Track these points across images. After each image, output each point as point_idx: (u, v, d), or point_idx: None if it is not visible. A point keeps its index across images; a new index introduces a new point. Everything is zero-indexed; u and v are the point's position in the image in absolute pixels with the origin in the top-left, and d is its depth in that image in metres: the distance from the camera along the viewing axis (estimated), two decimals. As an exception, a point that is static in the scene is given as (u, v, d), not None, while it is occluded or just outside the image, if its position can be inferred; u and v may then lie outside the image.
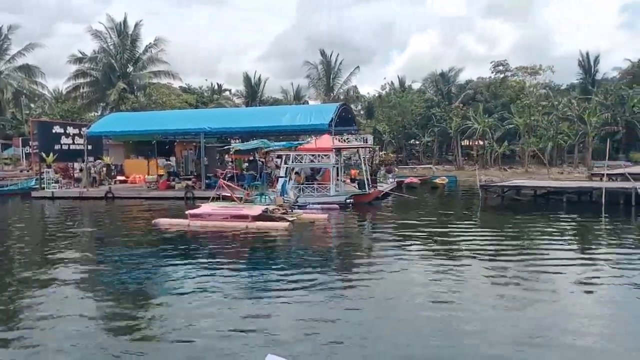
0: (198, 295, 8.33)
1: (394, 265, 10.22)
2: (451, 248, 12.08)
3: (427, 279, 9.08)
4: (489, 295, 8.13)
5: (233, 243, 13.35)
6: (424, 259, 10.95)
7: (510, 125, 47.54)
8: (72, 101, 50.83)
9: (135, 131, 26.96)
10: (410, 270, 9.89)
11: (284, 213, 16.07)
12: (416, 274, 9.63)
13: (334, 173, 20.55)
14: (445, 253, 11.47)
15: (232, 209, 15.93)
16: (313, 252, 12.14)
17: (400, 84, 64.66)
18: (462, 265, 10.10)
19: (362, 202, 20.33)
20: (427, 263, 10.45)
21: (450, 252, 11.61)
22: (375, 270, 9.89)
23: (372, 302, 7.89)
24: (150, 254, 12.09)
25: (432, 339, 6.35)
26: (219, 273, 9.97)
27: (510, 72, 58.32)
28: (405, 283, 8.93)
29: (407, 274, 9.63)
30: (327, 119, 23.09)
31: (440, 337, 6.38)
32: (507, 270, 9.69)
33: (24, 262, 11.29)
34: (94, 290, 8.98)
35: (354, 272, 9.83)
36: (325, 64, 56.74)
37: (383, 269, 9.95)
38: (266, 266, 10.59)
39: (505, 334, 6.43)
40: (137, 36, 49.00)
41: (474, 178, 37.68)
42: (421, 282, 8.87)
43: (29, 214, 21.60)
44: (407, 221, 16.87)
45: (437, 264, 10.22)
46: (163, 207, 22.22)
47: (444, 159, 55.63)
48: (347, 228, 15.90)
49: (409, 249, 11.96)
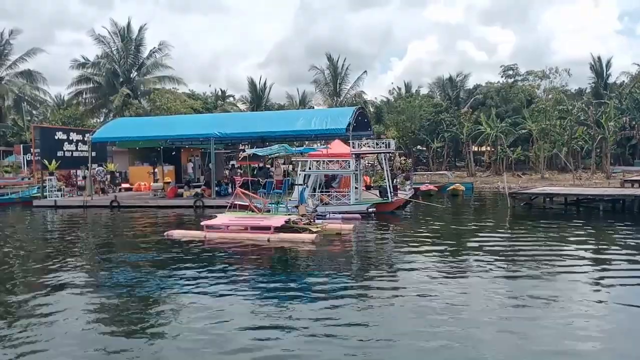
0: (217, 314, 7.58)
1: (436, 283, 9.07)
2: (492, 262, 10.84)
3: (475, 296, 7.91)
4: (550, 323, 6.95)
5: (255, 257, 12.18)
6: (466, 272, 9.89)
7: (523, 130, 46.43)
8: (75, 107, 49.76)
9: (141, 137, 25.81)
10: (455, 287, 8.82)
11: (308, 223, 14.88)
12: (462, 290, 8.63)
13: (353, 180, 19.39)
14: (487, 268, 10.24)
15: (251, 220, 14.72)
16: (344, 267, 10.93)
17: (406, 89, 63.76)
18: (508, 281, 8.98)
19: (385, 211, 19.12)
20: (472, 278, 9.34)
21: (492, 267, 10.37)
22: (416, 287, 8.74)
23: (420, 324, 6.91)
24: (164, 268, 10.91)
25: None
26: (241, 291, 8.98)
27: (520, 76, 57.68)
28: (452, 301, 7.86)
29: (452, 291, 8.50)
30: (344, 123, 21.93)
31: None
32: (556, 289, 8.53)
33: (23, 287, 10.08)
34: (104, 310, 7.89)
35: (397, 293, 8.59)
36: (332, 68, 55.70)
37: (424, 286, 8.85)
38: (293, 285, 9.41)
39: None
40: (141, 41, 48.03)
41: (490, 185, 36.70)
42: (472, 301, 7.73)
43: (31, 224, 20.38)
44: (438, 232, 15.67)
45: (485, 280, 9.05)
46: (172, 216, 21.07)
47: (453, 165, 54.48)
48: (376, 240, 14.63)
49: (448, 263, 10.77)
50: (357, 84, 56.21)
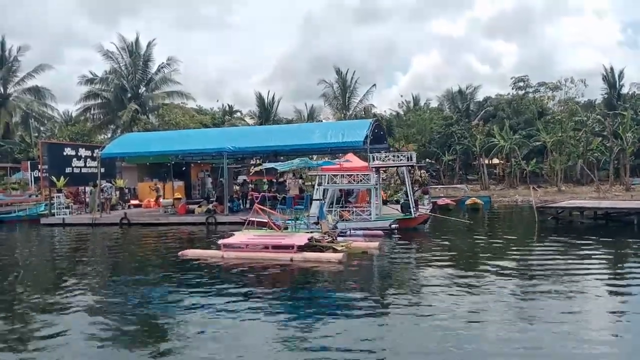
0: (239, 339, 7.15)
1: (482, 306, 8.24)
2: (528, 281, 9.97)
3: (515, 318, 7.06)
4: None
5: (277, 278, 11.34)
6: (503, 293, 9.09)
7: (537, 143, 45.61)
8: (82, 124, 49.38)
9: (152, 152, 25.15)
10: (499, 310, 7.94)
11: (331, 241, 14.06)
12: (508, 314, 7.75)
13: (374, 195, 18.60)
14: (523, 288, 9.40)
15: (272, 238, 13.91)
16: (375, 290, 10.06)
17: (414, 102, 63.16)
18: (544, 302, 8.18)
19: (407, 228, 18.27)
20: (508, 297, 8.54)
21: (528, 286, 9.52)
22: (458, 310, 7.96)
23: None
24: (180, 290, 10.19)
25: None
26: (264, 314, 8.33)
27: (531, 88, 57.01)
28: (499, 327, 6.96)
29: (497, 315, 7.63)
30: (361, 136, 21.22)
31: None
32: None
33: (30, 307, 9.29)
34: (115, 334, 7.27)
35: (440, 316, 7.75)
36: (340, 82, 55.23)
37: (468, 308, 8.07)
38: (320, 309, 8.56)
39: None
40: (149, 56, 47.75)
41: (508, 198, 35.79)
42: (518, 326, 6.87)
43: (38, 243, 19.61)
44: (468, 249, 14.81)
45: (528, 301, 8.20)
46: (184, 233, 20.31)
47: (464, 178, 53.59)
48: (405, 259, 13.71)
49: (485, 284, 9.89)
50: (366, 97, 55.77)
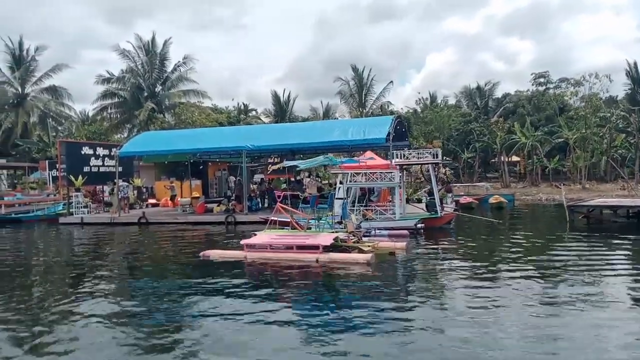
0: (265, 341, 6.93)
1: (517, 307, 7.68)
2: (574, 288, 9.38)
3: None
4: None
5: (303, 279, 10.88)
6: (544, 298, 8.46)
7: (560, 139, 44.58)
8: (99, 123, 49.49)
9: (170, 150, 24.87)
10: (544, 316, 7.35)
11: (356, 242, 13.56)
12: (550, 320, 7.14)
13: (398, 193, 18.04)
14: (566, 292, 8.80)
15: (296, 238, 13.44)
16: (407, 294, 9.51)
17: (431, 99, 62.29)
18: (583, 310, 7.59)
19: (433, 227, 17.68)
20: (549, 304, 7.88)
21: (568, 291, 8.92)
22: (491, 318, 7.39)
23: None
24: (201, 292, 9.81)
25: None
26: (290, 317, 7.98)
27: (552, 84, 55.84)
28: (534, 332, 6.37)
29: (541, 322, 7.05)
30: (383, 133, 20.65)
31: None
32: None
33: (50, 306, 8.96)
34: (134, 337, 7.03)
35: (474, 326, 7.21)
36: (357, 79, 54.63)
37: (501, 316, 7.48)
38: (349, 314, 8.02)
39: None
40: (165, 55, 47.69)
41: (531, 197, 34.92)
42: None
43: (57, 242, 19.39)
44: (497, 249, 14.19)
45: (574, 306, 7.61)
46: (203, 233, 19.96)
47: (483, 176, 52.64)
48: (434, 260, 13.08)
49: (522, 289, 9.29)
50: (382, 94, 55.12)
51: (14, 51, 47.14)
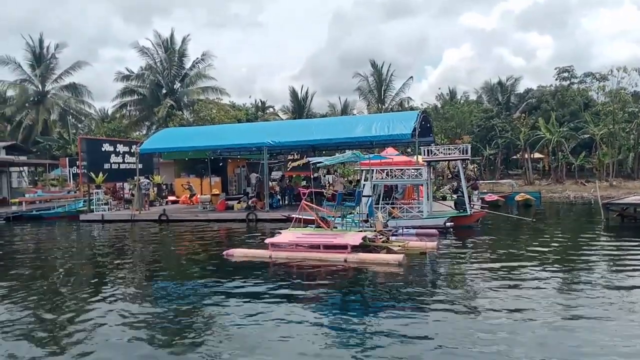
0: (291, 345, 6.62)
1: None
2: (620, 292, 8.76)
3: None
4: None
5: (331, 280, 10.39)
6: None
7: (586, 135, 43.40)
8: (119, 120, 49.60)
9: (191, 147, 24.59)
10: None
11: (385, 241, 13.05)
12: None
13: (426, 191, 17.46)
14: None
15: (323, 237, 12.97)
16: (442, 299, 8.89)
17: (451, 95, 61.29)
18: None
19: (461, 226, 17.06)
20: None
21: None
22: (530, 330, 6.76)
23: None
24: (223, 292, 9.50)
25: None
26: (318, 322, 7.48)
27: (576, 78, 54.51)
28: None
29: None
30: (408, 128, 20.07)
31: None
32: None
33: (68, 304, 8.64)
34: (153, 334, 6.43)
35: (516, 335, 6.65)
36: (376, 75, 53.92)
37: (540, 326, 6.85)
38: (380, 320, 7.48)
39: None
40: (184, 52, 47.52)
41: (558, 194, 33.98)
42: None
43: (78, 239, 19.18)
44: (537, 251, 13.53)
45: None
46: (224, 230, 19.62)
47: (505, 173, 51.57)
48: (470, 261, 12.41)
49: (568, 292, 8.71)
50: (402, 89, 54.33)
51: (34, 49, 47.45)
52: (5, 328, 7.61)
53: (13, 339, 7.16)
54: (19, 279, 11.39)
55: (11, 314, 8.40)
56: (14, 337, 7.21)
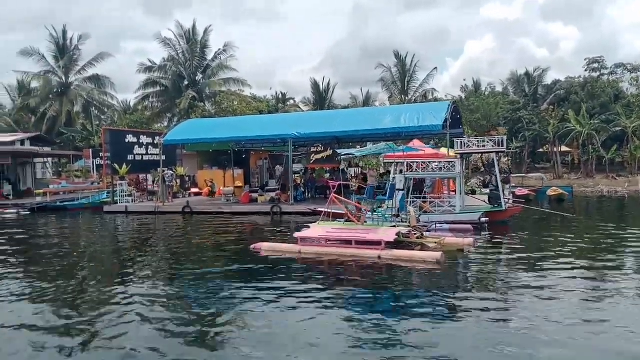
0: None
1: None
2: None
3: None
4: None
5: (363, 279, 9.86)
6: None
7: (617, 128, 41.93)
8: (141, 112, 49.62)
9: (215, 138, 24.21)
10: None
11: (420, 237, 12.46)
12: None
13: (459, 184, 16.78)
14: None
15: (354, 232, 12.43)
16: (488, 302, 8.30)
17: (475, 86, 59.96)
18: None
19: (495, 221, 16.34)
20: None
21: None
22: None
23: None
24: (251, 287, 9.16)
25: None
26: (357, 325, 6.87)
27: (606, 69, 52.80)
28: None
29: None
30: (439, 119, 19.35)
31: None
32: None
33: (93, 294, 8.29)
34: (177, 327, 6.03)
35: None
36: (400, 66, 52.95)
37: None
38: (419, 324, 6.94)
39: None
40: (206, 43, 47.18)
41: (591, 189, 32.89)
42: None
43: (103, 231, 18.99)
44: (584, 249, 12.80)
45: None
46: (249, 224, 19.24)
47: (532, 166, 50.26)
48: (512, 259, 11.68)
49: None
50: (426, 81, 53.27)
51: (58, 40, 47.57)
52: (28, 320, 7.50)
53: (38, 330, 7.06)
54: (45, 272, 11.18)
55: (36, 307, 8.23)
56: (38, 329, 7.11)
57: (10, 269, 11.66)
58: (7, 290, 9.36)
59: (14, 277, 10.57)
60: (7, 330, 7.10)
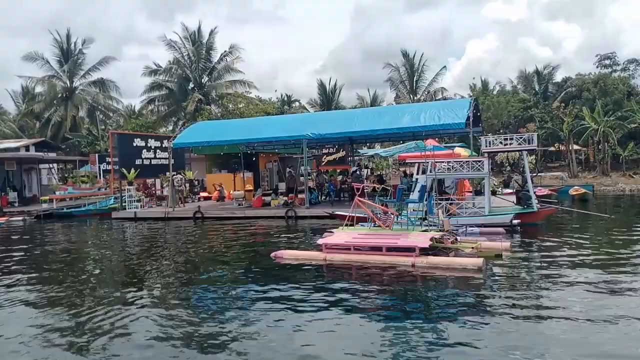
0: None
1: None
2: None
3: None
4: None
5: (400, 288, 9.03)
6: None
7: (633, 125, 40.98)
8: (147, 116, 49.00)
9: (226, 141, 23.45)
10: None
11: (454, 242, 11.63)
12: None
13: (487, 185, 15.95)
14: None
15: (383, 238, 11.60)
16: (545, 310, 7.48)
17: (483, 85, 59.13)
18: None
19: (526, 223, 15.46)
20: None
21: None
22: None
23: None
24: (277, 300, 8.34)
25: None
26: (397, 341, 6.00)
27: (618, 65, 51.88)
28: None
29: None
30: (462, 117, 18.53)
31: None
32: None
33: (101, 303, 7.51)
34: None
35: None
36: (407, 65, 52.17)
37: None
38: (468, 341, 6.13)
39: None
40: (211, 45, 46.57)
41: (612, 187, 31.96)
42: None
43: (112, 238, 18.21)
44: (616, 248, 11.96)
45: None
46: (264, 229, 18.45)
47: (544, 165, 49.30)
48: (555, 265, 10.83)
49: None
50: (435, 80, 52.47)
51: (62, 45, 47.06)
52: (35, 328, 7.35)
53: (43, 340, 6.89)
54: (51, 281, 10.53)
55: (43, 314, 8.06)
56: (43, 339, 6.92)
57: (19, 275, 11.32)
58: (16, 298, 9.05)
59: (22, 285, 10.18)
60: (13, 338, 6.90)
